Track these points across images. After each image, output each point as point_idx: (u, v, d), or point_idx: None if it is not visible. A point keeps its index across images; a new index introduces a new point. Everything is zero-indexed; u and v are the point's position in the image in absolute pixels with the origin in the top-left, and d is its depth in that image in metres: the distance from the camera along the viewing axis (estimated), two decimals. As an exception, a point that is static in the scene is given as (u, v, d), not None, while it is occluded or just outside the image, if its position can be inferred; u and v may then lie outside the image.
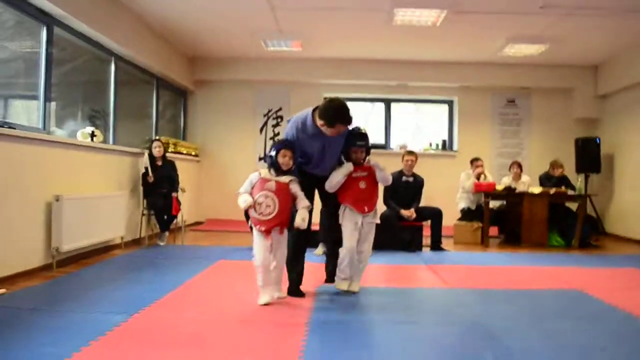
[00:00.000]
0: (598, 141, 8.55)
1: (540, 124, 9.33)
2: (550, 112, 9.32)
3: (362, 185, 3.87)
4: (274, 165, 3.62)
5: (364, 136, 3.92)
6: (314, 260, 5.53)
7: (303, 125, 3.68)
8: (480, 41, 7.58)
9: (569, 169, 8.30)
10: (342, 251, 3.85)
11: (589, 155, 8.50)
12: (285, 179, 3.59)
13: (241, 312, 3.38)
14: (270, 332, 2.98)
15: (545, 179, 7.83)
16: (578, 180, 7.81)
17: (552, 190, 7.17)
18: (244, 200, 3.59)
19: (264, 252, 3.52)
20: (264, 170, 3.66)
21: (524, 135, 9.35)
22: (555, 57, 8.26)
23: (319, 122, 3.57)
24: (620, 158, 8.59)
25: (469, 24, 6.81)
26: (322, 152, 3.77)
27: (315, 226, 4.30)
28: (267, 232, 3.53)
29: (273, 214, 3.53)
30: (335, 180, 3.83)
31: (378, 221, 4.10)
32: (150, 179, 6.30)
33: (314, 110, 3.64)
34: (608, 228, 8.73)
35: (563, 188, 7.37)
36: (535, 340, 2.92)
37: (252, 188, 3.65)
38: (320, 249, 5.96)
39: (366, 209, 3.86)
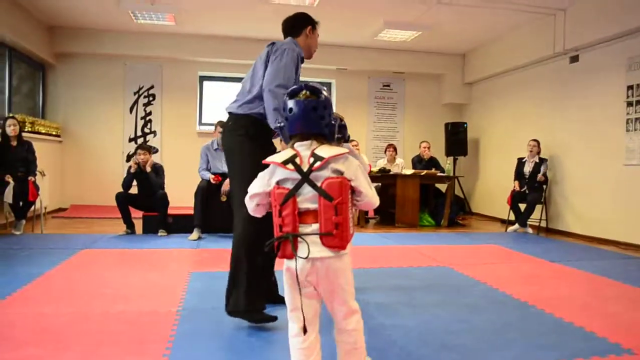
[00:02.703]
0: (465, 126, 9.09)
1: (413, 109, 9.71)
2: (422, 97, 9.74)
3: None
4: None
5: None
6: (187, 245, 5.33)
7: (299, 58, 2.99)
8: (358, 25, 7.67)
9: (439, 152, 8.74)
10: None
11: (457, 139, 9.01)
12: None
13: (105, 304, 3.11)
14: (137, 323, 2.76)
15: (417, 162, 8.18)
16: (447, 163, 8.24)
17: (423, 172, 7.50)
18: None
19: None
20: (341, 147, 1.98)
21: (398, 119, 9.68)
22: (428, 44, 8.61)
23: (309, 38, 3.09)
24: (484, 142, 9.21)
25: (346, 7, 6.85)
26: None
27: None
28: None
29: None
30: None
31: None
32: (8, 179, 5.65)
33: (293, 37, 3.08)
34: (474, 207, 9.34)
35: (433, 170, 7.76)
36: (406, 315, 3.03)
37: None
38: (196, 234, 5.73)
39: None
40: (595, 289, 3.82)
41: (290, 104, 1.88)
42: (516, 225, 7.05)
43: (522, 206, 7.02)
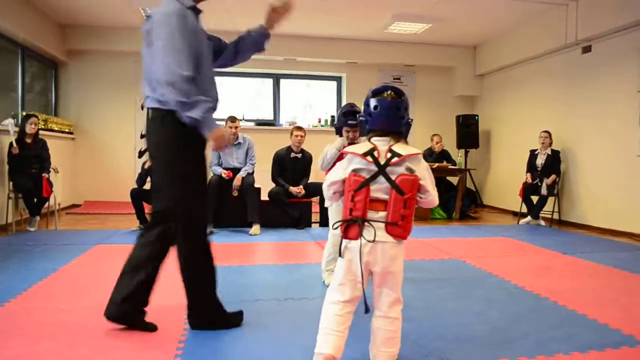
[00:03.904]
0: (477, 118, 9.03)
1: (424, 101, 9.66)
2: (433, 89, 9.68)
3: None
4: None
5: (356, 113, 3.35)
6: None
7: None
8: (368, 18, 7.63)
9: (451, 145, 8.69)
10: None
11: (469, 131, 8.95)
12: None
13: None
14: (150, 317, 2.76)
15: (428, 155, 8.15)
16: (458, 156, 8.20)
17: (435, 165, 7.47)
18: None
19: None
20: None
21: (409, 112, 9.61)
22: (438, 36, 8.56)
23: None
24: (496, 134, 9.15)
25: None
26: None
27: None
28: None
29: None
30: (329, 155, 3.39)
31: None
32: (15, 150, 5.71)
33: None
34: (485, 200, 9.30)
35: (444, 163, 7.73)
36: (418, 308, 3.03)
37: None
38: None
39: None
40: (609, 281, 3.79)
41: (375, 102, 2.09)
42: (528, 218, 7.00)
43: (535, 198, 6.97)
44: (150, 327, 2.57)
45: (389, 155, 2.01)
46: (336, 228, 2.05)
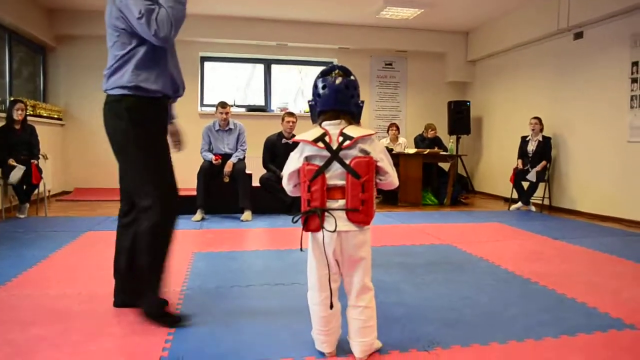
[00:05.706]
0: (468, 104, 9.03)
1: (415, 87, 9.64)
2: (425, 75, 9.65)
3: None
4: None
5: None
6: (190, 226, 5.35)
7: None
8: (359, 3, 7.58)
9: (442, 131, 8.70)
10: None
11: (460, 117, 8.95)
12: None
13: (109, 285, 3.10)
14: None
15: (420, 141, 8.16)
16: (450, 142, 8.21)
17: (426, 151, 7.48)
18: None
19: None
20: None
21: (401, 98, 9.61)
22: (430, 22, 8.52)
23: None
24: (487, 120, 9.16)
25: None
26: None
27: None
28: None
29: None
30: None
31: None
32: None
33: None
34: (477, 186, 9.33)
35: (436, 149, 7.74)
36: (408, 293, 3.05)
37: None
38: (199, 215, 5.75)
39: None
40: (598, 266, 3.83)
41: (322, 82, 2.02)
42: (519, 203, 7.04)
43: (525, 184, 7.00)
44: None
45: (340, 138, 1.94)
46: (296, 221, 1.98)
